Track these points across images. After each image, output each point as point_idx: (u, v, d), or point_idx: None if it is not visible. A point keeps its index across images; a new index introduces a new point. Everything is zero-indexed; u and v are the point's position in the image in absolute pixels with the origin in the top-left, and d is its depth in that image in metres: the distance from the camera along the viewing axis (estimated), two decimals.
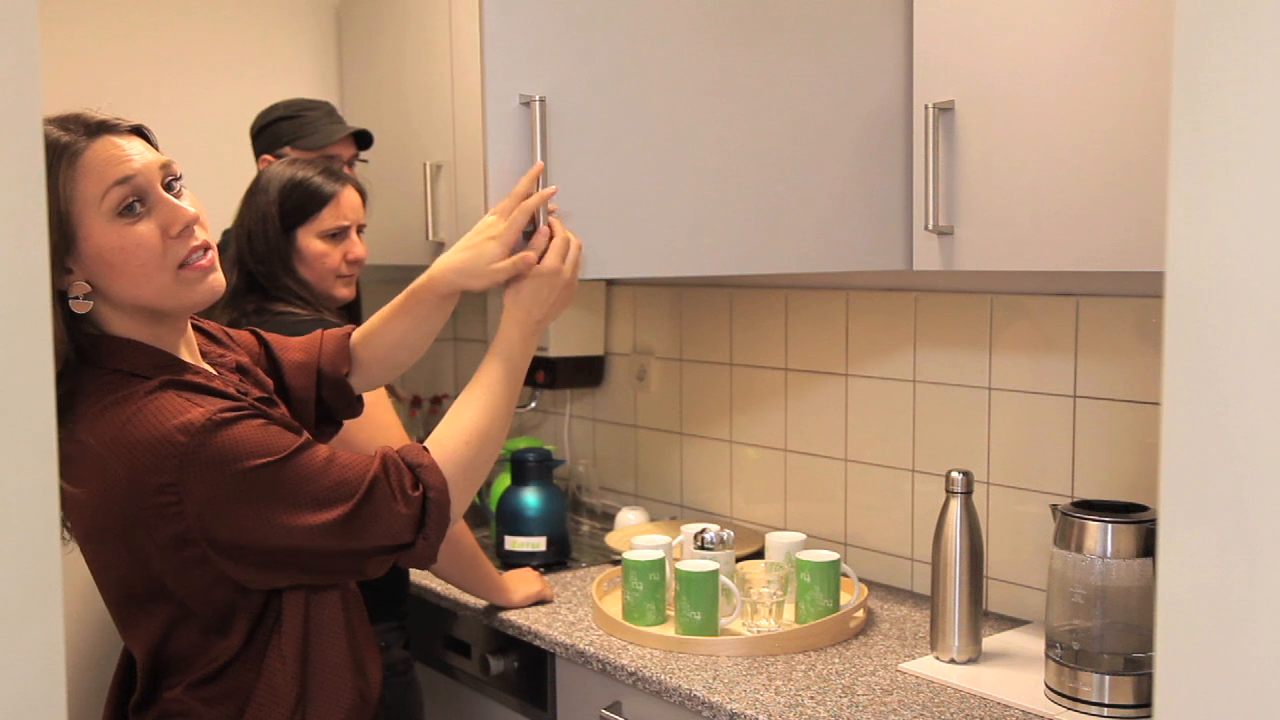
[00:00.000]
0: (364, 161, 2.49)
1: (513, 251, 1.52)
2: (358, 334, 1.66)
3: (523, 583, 2.17)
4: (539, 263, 1.51)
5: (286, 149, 2.35)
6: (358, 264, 2.13)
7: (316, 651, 1.40)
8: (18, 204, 0.63)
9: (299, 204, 2.06)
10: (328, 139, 2.34)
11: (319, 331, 1.66)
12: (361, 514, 1.33)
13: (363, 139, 2.44)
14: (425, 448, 1.42)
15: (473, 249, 1.52)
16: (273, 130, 2.39)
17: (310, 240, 2.07)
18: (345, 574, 1.41)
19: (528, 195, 1.52)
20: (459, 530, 2.01)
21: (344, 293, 2.14)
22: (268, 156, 2.38)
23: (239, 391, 1.39)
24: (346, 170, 2.37)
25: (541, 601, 2.17)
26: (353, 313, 2.29)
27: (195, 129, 2.79)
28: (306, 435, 1.37)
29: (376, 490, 1.34)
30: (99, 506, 1.29)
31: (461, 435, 1.45)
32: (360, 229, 2.15)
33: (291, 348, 1.63)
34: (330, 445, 1.41)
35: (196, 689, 1.36)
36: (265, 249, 2.03)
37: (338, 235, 2.09)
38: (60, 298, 1.30)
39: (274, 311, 1.99)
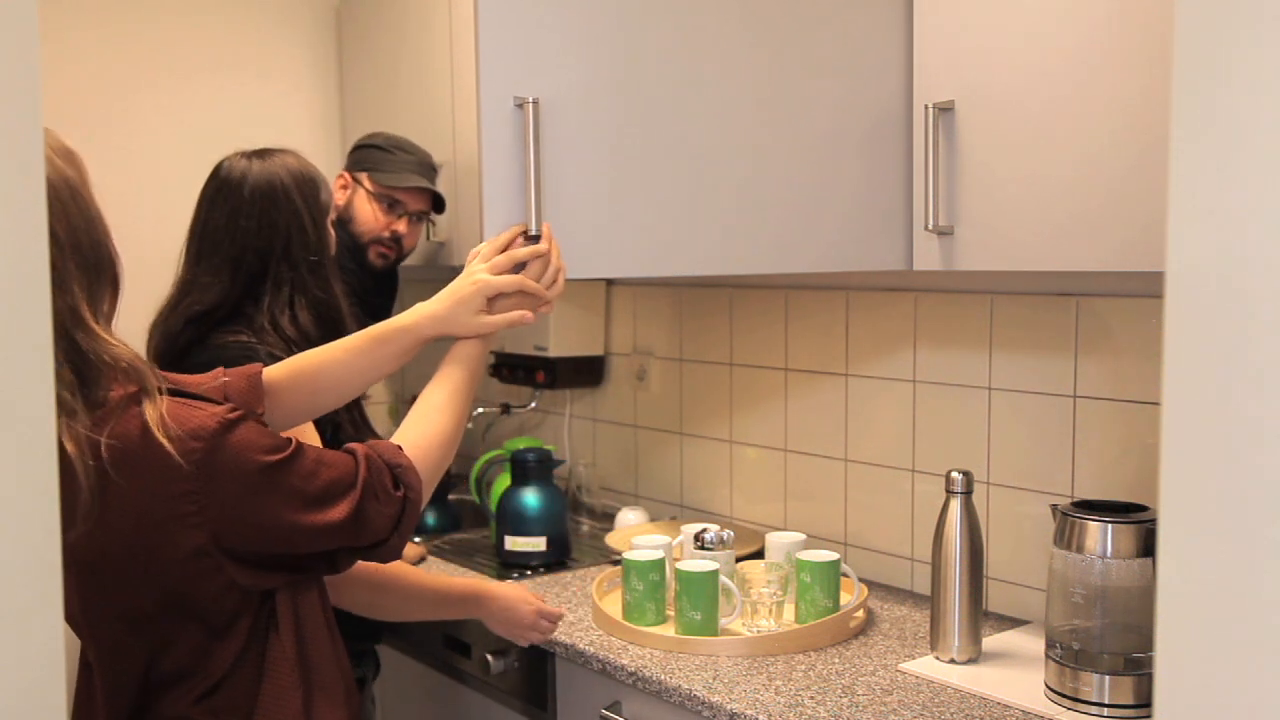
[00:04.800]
0: (433, 224, 2.56)
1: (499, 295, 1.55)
2: (283, 369, 1.55)
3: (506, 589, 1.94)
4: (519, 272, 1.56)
5: (364, 175, 2.42)
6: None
7: (311, 646, 1.41)
8: (18, 204, 0.63)
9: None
10: (398, 181, 2.40)
11: (219, 370, 1.51)
12: (361, 513, 1.35)
13: (438, 202, 2.48)
14: (400, 447, 1.44)
15: (454, 297, 1.54)
16: (364, 153, 2.46)
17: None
18: (320, 570, 1.42)
19: (508, 243, 1.57)
20: (400, 569, 1.85)
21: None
22: (345, 174, 2.45)
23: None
24: (405, 219, 2.43)
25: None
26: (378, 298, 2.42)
27: (195, 129, 2.79)
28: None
29: (368, 490, 1.36)
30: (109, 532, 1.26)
31: (433, 440, 1.48)
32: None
33: (191, 384, 1.44)
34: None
35: (202, 701, 1.35)
36: (317, 236, 1.85)
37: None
38: None
39: (220, 337, 1.78)
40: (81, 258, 1.23)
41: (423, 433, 1.48)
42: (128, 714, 1.36)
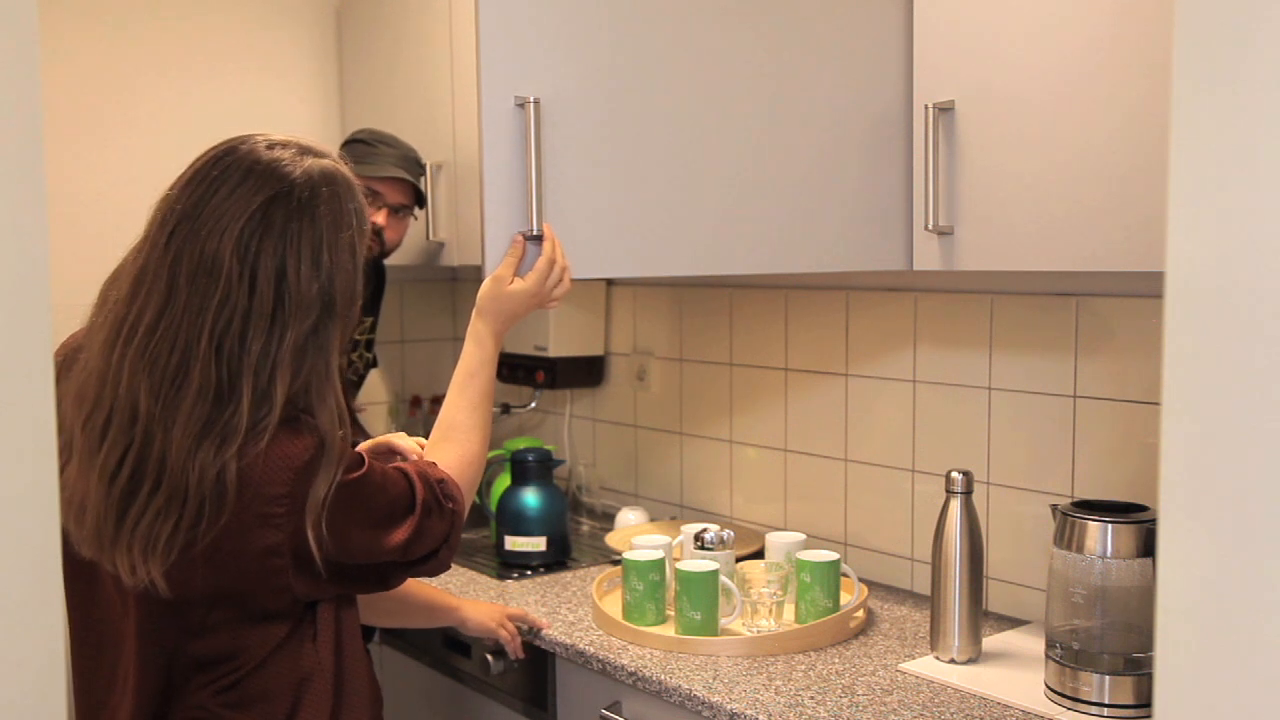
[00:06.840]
0: (415, 218, 2.54)
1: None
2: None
3: (481, 608, 2.02)
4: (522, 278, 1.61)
5: None
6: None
7: (347, 658, 1.44)
8: (18, 203, 0.63)
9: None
10: (374, 172, 2.40)
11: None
12: (421, 531, 1.41)
13: (421, 197, 2.50)
14: (434, 464, 1.50)
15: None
16: (348, 148, 2.46)
17: None
18: (372, 586, 1.45)
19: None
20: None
21: None
22: None
23: None
24: (384, 211, 2.43)
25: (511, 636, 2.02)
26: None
27: (195, 128, 2.78)
28: None
29: (423, 507, 1.42)
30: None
31: (465, 458, 1.55)
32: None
33: None
34: None
35: (222, 694, 1.36)
36: None
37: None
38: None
39: None
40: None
41: (454, 453, 1.55)
42: (153, 698, 1.37)
